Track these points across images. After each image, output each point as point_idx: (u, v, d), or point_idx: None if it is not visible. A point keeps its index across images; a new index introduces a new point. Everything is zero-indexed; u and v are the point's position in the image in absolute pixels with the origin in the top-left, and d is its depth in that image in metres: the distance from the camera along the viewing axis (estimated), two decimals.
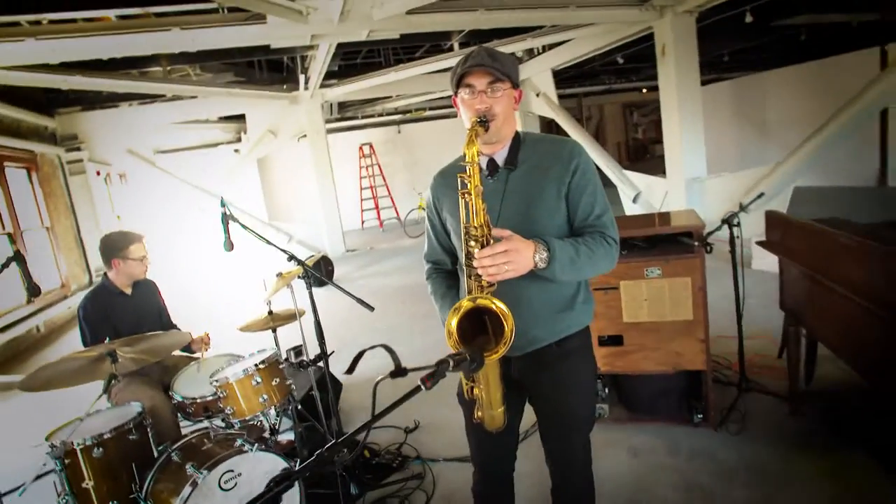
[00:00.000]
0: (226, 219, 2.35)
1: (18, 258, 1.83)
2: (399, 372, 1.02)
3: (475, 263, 1.33)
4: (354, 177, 13.57)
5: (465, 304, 1.27)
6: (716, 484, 2.36)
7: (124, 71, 7.39)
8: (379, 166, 13.84)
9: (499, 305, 1.26)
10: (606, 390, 3.02)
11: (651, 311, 2.68)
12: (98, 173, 9.46)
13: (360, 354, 1.08)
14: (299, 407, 2.90)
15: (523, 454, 1.95)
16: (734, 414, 2.79)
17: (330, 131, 10.94)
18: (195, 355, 2.96)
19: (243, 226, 2.35)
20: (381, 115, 13.84)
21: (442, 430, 3.14)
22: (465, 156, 1.35)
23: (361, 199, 13.74)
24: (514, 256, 1.33)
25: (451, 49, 8.66)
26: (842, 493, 2.19)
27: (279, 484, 0.99)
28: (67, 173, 8.91)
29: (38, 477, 2.20)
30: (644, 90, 16.28)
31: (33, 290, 1.87)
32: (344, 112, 12.79)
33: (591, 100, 18.08)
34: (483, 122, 1.41)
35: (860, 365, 2.04)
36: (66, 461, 2.03)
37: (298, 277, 2.49)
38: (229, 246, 2.39)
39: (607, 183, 7.09)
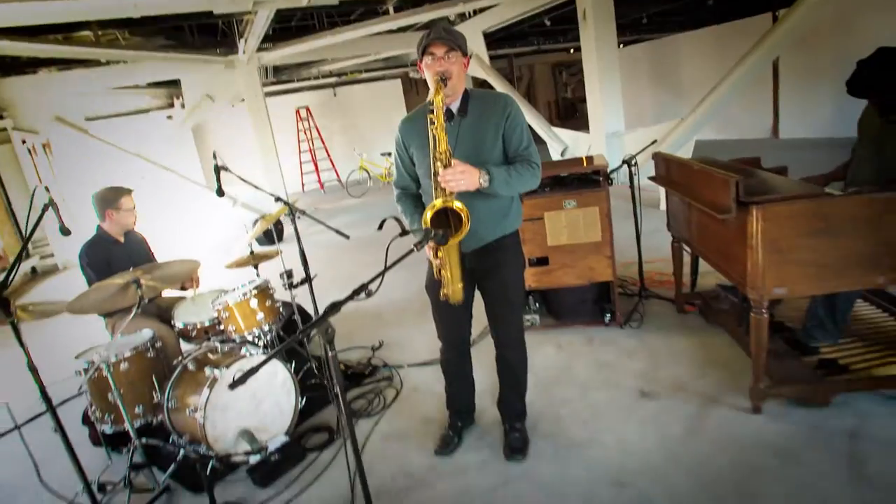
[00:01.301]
0: (218, 169, 2.77)
1: (53, 204, 2.20)
2: (404, 233, 1.58)
3: (440, 178, 1.89)
4: (292, 140, 13.60)
5: (438, 203, 1.86)
6: (619, 360, 3.10)
7: (49, 35, 7.21)
8: (317, 129, 13.91)
9: (459, 205, 1.85)
10: (537, 304, 3.70)
11: (569, 235, 3.34)
12: (24, 142, 9.15)
13: (385, 220, 1.62)
14: (281, 333, 3.39)
15: (475, 363, 2.61)
16: (635, 315, 3.55)
17: (266, 95, 10.95)
18: (185, 293, 3.37)
19: (238, 176, 2.77)
20: (316, 77, 13.83)
21: (402, 346, 3.74)
22: (432, 103, 1.88)
23: (301, 163, 13.82)
24: (467, 175, 1.91)
25: (386, 13, 8.90)
26: (707, 359, 2.97)
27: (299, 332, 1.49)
28: None
29: (78, 394, 2.58)
30: (571, 51, 17.04)
31: (65, 231, 2.25)
32: (279, 76, 12.73)
33: (521, 60, 18.68)
34: (443, 79, 1.95)
35: (713, 261, 2.77)
36: (103, 374, 2.46)
37: (285, 215, 2.96)
38: (220, 192, 2.82)
39: (538, 139, 7.76)
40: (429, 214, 1.83)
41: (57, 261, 9.36)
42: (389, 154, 12.11)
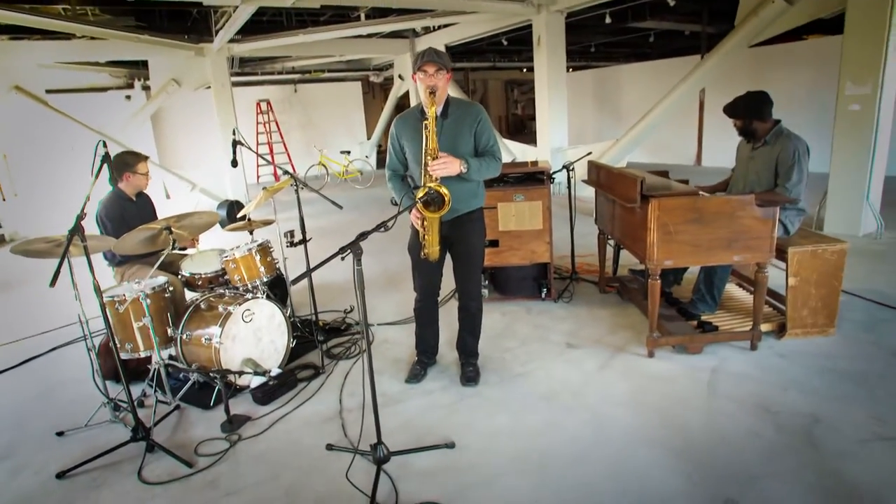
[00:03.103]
0: (235, 143, 3.32)
1: (108, 159, 2.68)
2: (416, 187, 2.23)
3: (429, 168, 2.55)
4: (251, 133, 13.82)
5: (429, 185, 2.50)
6: (551, 323, 3.85)
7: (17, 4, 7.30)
8: (276, 123, 14.20)
9: (443, 189, 2.52)
10: (486, 281, 4.41)
11: (517, 222, 4.08)
12: None
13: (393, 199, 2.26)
14: (268, 292, 3.92)
15: (442, 321, 3.27)
16: (566, 293, 4.34)
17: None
18: (186, 252, 3.84)
19: (256, 153, 3.31)
20: (279, 72, 14.14)
21: (371, 311, 4.35)
22: (425, 112, 2.55)
23: (258, 155, 14.01)
24: (449, 164, 2.58)
25: (357, 18, 9.48)
26: (619, 323, 3.78)
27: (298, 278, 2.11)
28: None
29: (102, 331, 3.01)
30: (524, 70, 18.17)
31: (115, 181, 2.74)
32: (243, 67, 12.99)
33: (477, 74, 19.65)
34: (432, 92, 2.61)
35: (626, 243, 3.57)
36: (139, 302, 2.94)
37: (290, 186, 3.52)
38: (235, 163, 3.36)
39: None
40: (420, 194, 2.50)
41: (4, 231, 9.26)
42: (348, 152, 12.65)
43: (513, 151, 9.93)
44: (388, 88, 15.50)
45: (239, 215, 3.76)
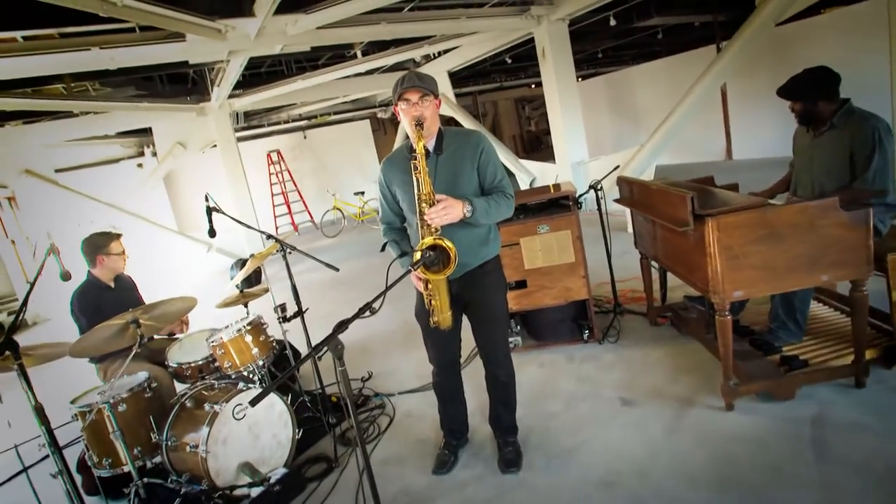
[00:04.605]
0: (210, 210, 2.90)
1: (54, 250, 2.29)
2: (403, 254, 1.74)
3: (426, 217, 2.05)
4: (264, 184, 13.69)
5: (428, 240, 2.01)
6: (599, 374, 3.26)
7: (18, 89, 7.25)
8: (289, 172, 14.05)
9: (446, 242, 2.01)
10: (518, 326, 3.86)
11: (544, 258, 3.54)
12: None
13: (386, 244, 1.77)
14: (272, 369, 3.46)
15: (465, 384, 2.74)
16: (611, 330, 3.74)
17: (237, 140, 11.09)
18: (176, 337, 3.43)
19: (229, 216, 2.91)
20: (286, 121, 14.07)
21: (391, 375, 3.84)
22: (414, 150, 2.07)
23: (273, 206, 13.88)
24: (450, 210, 2.08)
25: (354, 56, 9.23)
26: (680, 366, 3.16)
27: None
28: None
29: (77, 439, 2.60)
30: (533, 86, 17.78)
31: (66, 276, 2.34)
32: (250, 121, 12.94)
33: (485, 97, 19.37)
34: (419, 124, 2.13)
35: (679, 272, 2.99)
36: (103, 415, 2.50)
37: (276, 251, 3.08)
38: (213, 233, 2.94)
39: (507, 172, 8.08)
40: (416, 256, 2.00)
41: (26, 316, 9.14)
42: (363, 193, 12.35)
43: (531, 171, 9.43)
44: (397, 123, 15.27)
45: (227, 288, 3.33)
